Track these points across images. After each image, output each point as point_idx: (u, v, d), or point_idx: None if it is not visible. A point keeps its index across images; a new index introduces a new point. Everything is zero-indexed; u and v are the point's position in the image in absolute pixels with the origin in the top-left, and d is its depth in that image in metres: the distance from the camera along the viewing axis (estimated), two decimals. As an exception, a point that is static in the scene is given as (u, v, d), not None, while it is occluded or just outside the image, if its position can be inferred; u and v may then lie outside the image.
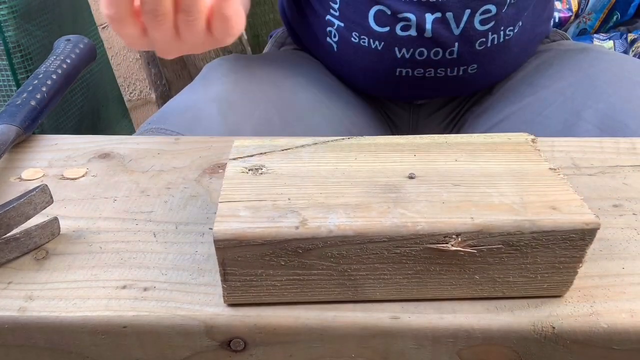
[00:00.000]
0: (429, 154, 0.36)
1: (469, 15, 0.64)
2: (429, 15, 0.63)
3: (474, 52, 0.67)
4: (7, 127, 0.45)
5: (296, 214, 0.30)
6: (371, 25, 0.66)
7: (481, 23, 0.65)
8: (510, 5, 0.65)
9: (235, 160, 0.35)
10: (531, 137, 0.37)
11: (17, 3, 0.76)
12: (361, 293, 0.32)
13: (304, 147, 0.37)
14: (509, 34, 0.67)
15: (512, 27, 0.67)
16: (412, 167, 0.34)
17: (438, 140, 0.37)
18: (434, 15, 0.63)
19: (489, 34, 0.66)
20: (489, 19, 0.65)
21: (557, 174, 0.33)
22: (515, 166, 0.34)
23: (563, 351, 0.31)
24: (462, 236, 0.29)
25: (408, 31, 0.65)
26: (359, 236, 0.29)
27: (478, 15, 0.64)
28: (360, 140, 0.37)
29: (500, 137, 0.37)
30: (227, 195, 0.32)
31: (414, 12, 0.64)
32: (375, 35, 0.67)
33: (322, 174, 0.34)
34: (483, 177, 0.33)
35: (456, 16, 0.64)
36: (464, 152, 0.36)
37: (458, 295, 0.32)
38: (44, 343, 0.33)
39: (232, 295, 0.32)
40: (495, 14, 0.64)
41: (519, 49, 0.71)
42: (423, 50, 0.66)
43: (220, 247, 0.29)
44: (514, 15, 0.66)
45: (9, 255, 0.35)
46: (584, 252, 0.30)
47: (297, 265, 0.30)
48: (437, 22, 0.64)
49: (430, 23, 0.64)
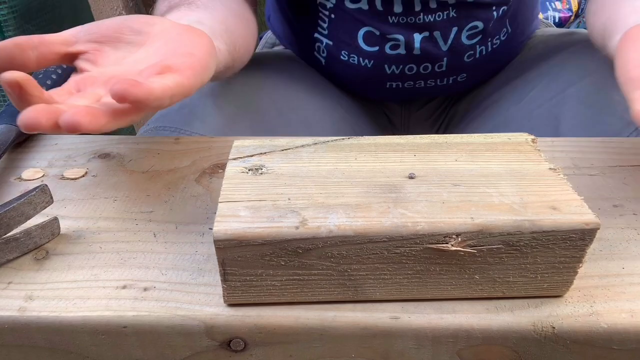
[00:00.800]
0: (429, 154, 0.36)
1: (456, 32, 0.65)
2: (417, 35, 0.64)
3: (463, 64, 0.68)
4: (7, 127, 0.45)
5: (296, 214, 0.30)
6: (360, 45, 0.67)
7: (468, 38, 0.66)
8: (497, 20, 0.66)
9: (235, 160, 0.35)
10: (531, 137, 0.37)
11: (17, 3, 0.76)
12: (361, 293, 0.32)
13: (304, 147, 0.37)
14: (496, 43, 0.68)
15: (498, 36, 0.68)
16: (412, 167, 0.34)
17: (438, 140, 0.37)
18: (422, 34, 0.65)
19: (477, 47, 0.67)
20: (476, 34, 0.66)
21: (558, 174, 0.33)
22: (516, 166, 0.34)
23: (563, 351, 0.31)
24: (462, 236, 0.29)
25: (397, 50, 0.66)
26: (359, 236, 0.29)
27: (465, 31, 0.65)
28: (360, 141, 0.37)
29: (500, 137, 0.37)
30: (227, 195, 0.32)
31: (402, 33, 0.65)
32: (364, 54, 0.68)
33: (322, 174, 0.34)
34: (483, 177, 0.33)
35: (444, 34, 0.65)
36: (464, 152, 0.36)
37: (458, 295, 0.32)
38: (44, 343, 0.33)
39: (232, 295, 0.32)
40: (482, 29, 0.65)
41: (508, 52, 0.72)
42: (412, 66, 0.68)
43: (220, 247, 0.29)
44: (500, 25, 0.67)
45: (9, 255, 0.35)
46: (584, 252, 0.30)
47: (297, 265, 0.30)
48: (425, 41, 0.65)
49: (419, 42, 0.65)
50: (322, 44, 0.71)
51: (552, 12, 1.62)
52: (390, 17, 0.64)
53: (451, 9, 0.63)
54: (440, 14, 0.63)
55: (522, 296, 0.32)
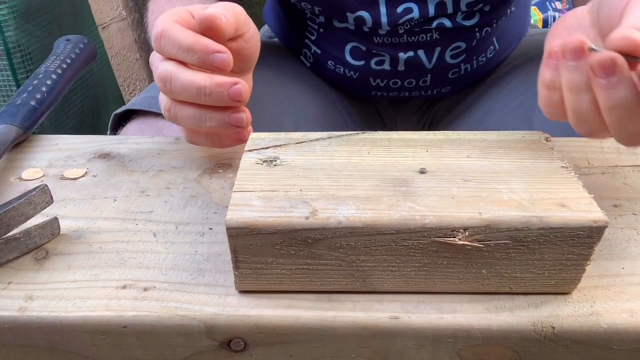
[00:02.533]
0: (441, 150, 0.36)
1: (439, 52, 0.67)
2: (402, 54, 0.66)
3: (447, 79, 0.70)
4: (7, 127, 0.45)
5: (307, 204, 0.31)
6: (347, 58, 0.69)
7: (452, 57, 0.68)
8: (481, 40, 0.67)
9: (251, 152, 0.36)
10: (545, 136, 0.38)
11: (17, 3, 0.76)
12: (369, 284, 0.32)
13: (318, 140, 0.37)
14: (482, 60, 0.70)
15: (484, 54, 0.70)
16: (423, 162, 0.35)
17: (451, 136, 0.38)
18: (407, 54, 0.66)
19: (461, 65, 0.69)
20: (460, 53, 0.67)
21: (569, 172, 0.33)
22: (527, 163, 0.34)
23: (563, 351, 0.31)
24: (470, 230, 0.29)
25: (382, 65, 0.68)
26: (367, 228, 0.30)
27: (449, 51, 0.67)
28: (373, 135, 0.38)
29: (514, 134, 0.38)
30: (241, 185, 0.32)
31: (387, 52, 0.66)
32: (350, 66, 0.70)
33: (334, 167, 0.34)
34: (494, 174, 0.33)
35: (427, 54, 0.67)
36: (477, 148, 0.36)
37: (465, 289, 0.32)
38: (44, 343, 0.33)
39: (244, 282, 0.32)
40: (465, 49, 0.67)
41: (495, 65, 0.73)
42: (397, 81, 0.70)
43: (232, 234, 0.30)
44: (486, 44, 0.69)
45: (9, 255, 0.35)
46: (592, 250, 0.30)
47: (306, 255, 0.31)
48: (410, 60, 0.67)
49: (403, 61, 0.67)
50: (310, 51, 0.73)
51: (552, 12, 1.62)
52: (376, 37, 0.66)
53: (434, 31, 0.65)
54: (423, 36, 0.65)
55: (529, 292, 0.32)
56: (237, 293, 0.33)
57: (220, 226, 0.38)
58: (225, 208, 0.39)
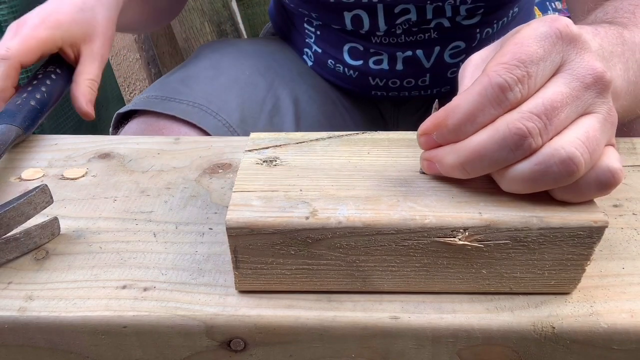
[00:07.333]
0: None
1: (438, 52, 0.66)
2: (399, 54, 0.66)
3: (446, 79, 0.70)
4: (7, 127, 0.45)
5: (307, 204, 0.31)
6: (345, 58, 0.70)
7: (451, 57, 0.67)
8: (482, 41, 0.66)
9: (251, 152, 0.36)
10: None
11: (17, 3, 0.76)
12: (369, 284, 0.32)
13: (318, 140, 0.37)
14: None
15: None
16: None
17: None
18: (405, 53, 0.66)
19: (460, 64, 0.68)
20: (459, 53, 0.67)
21: None
22: None
23: (563, 351, 0.31)
24: (470, 230, 0.29)
25: (380, 65, 0.68)
26: (367, 228, 0.29)
27: (448, 50, 0.66)
28: (373, 135, 0.38)
29: None
30: (241, 185, 0.32)
31: (385, 51, 0.66)
32: (349, 66, 0.70)
33: (334, 167, 0.34)
34: None
35: (426, 53, 0.66)
36: None
37: (465, 289, 0.32)
38: (44, 343, 0.33)
39: (244, 282, 0.32)
40: (464, 48, 0.66)
41: None
42: (396, 80, 0.69)
43: (232, 234, 0.30)
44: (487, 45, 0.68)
45: (9, 255, 0.35)
46: (592, 250, 0.30)
47: (306, 255, 0.31)
48: (408, 59, 0.67)
49: (402, 60, 0.67)
50: (311, 50, 0.73)
51: (552, 12, 1.62)
52: (373, 37, 0.66)
53: (432, 31, 0.64)
54: (421, 35, 0.65)
55: (529, 292, 0.32)
56: (237, 293, 0.33)
57: (220, 226, 0.38)
58: (225, 208, 0.40)
